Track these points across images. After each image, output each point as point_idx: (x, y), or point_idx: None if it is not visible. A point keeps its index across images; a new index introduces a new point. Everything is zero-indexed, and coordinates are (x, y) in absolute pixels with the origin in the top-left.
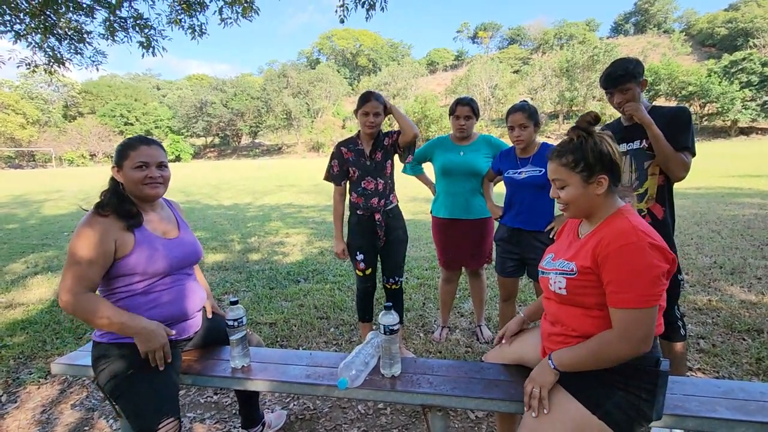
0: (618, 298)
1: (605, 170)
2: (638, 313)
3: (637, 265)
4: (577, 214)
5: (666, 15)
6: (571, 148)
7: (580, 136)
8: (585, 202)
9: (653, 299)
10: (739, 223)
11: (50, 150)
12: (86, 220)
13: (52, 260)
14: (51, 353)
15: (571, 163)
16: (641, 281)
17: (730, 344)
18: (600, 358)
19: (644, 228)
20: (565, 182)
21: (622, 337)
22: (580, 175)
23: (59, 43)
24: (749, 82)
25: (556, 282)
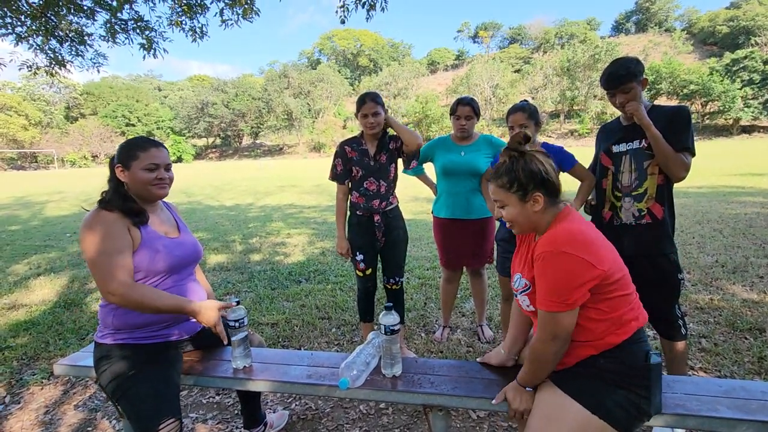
0: (538, 299)
1: (538, 188)
2: (549, 317)
3: (549, 271)
4: (524, 230)
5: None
6: (504, 169)
7: (511, 156)
8: (526, 220)
9: (561, 305)
10: (741, 222)
11: (52, 151)
12: (93, 217)
13: (54, 261)
14: (54, 354)
15: (506, 184)
16: (552, 287)
17: (731, 343)
18: (537, 363)
19: (566, 236)
20: (503, 202)
21: (541, 337)
22: (515, 195)
23: (60, 45)
24: (751, 80)
25: (523, 301)
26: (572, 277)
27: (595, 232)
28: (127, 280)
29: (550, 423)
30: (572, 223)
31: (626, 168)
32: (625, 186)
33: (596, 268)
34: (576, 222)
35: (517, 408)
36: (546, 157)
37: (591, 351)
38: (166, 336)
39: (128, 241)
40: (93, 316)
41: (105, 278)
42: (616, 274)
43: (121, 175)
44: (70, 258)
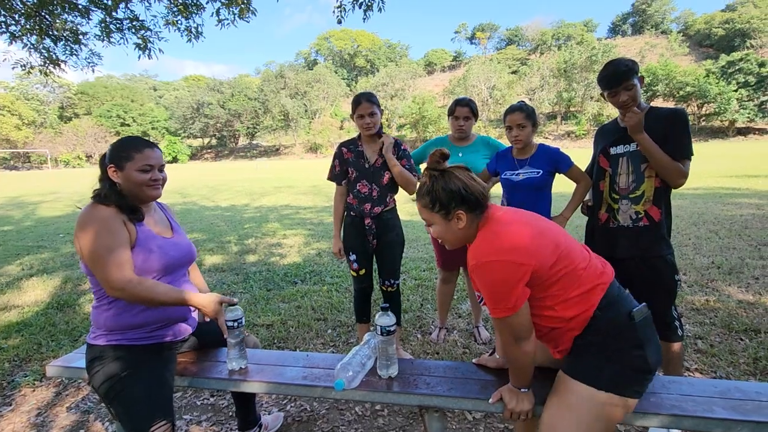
0: (488, 309)
1: (459, 205)
2: (501, 322)
3: (484, 282)
4: (454, 245)
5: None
6: (425, 190)
7: (431, 176)
8: (453, 236)
9: (505, 311)
10: (736, 224)
11: (46, 151)
12: (90, 212)
13: (47, 262)
14: (46, 355)
15: (429, 204)
16: (492, 296)
17: (727, 344)
18: (515, 364)
19: (489, 244)
20: (429, 221)
21: (504, 342)
22: (439, 214)
23: (54, 44)
24: (746, 82)
25: (485, 310)
26: (503, 281)
27: (516, 223)
28: (131, 274)
29: (566, 409)
30: (490, 227)
31: (623, 170)
32: (623, 188)
33: (524, 265)
34: (494, 223)
35: (513, 408)
36: (465, 172)
37: (573, 332)
38: (160, 337)
39: (126, 236)
40: (86, 317)
41: (110, 272)
42: (549, 258)
43: (113, 176)
44: (63, 259)
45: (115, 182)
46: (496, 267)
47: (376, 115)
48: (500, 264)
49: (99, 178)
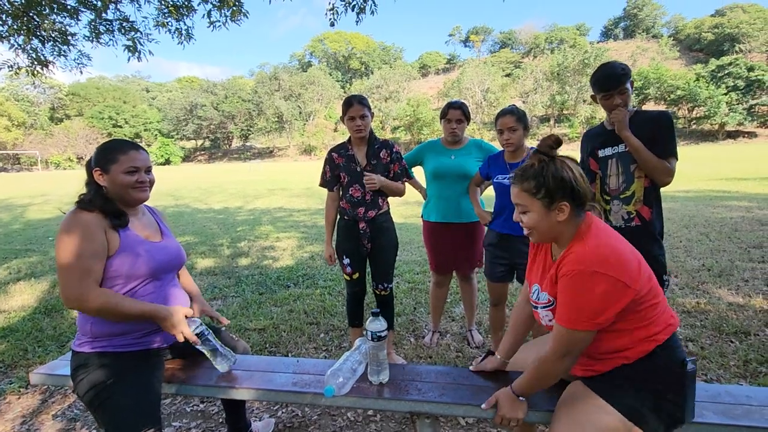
0: (559, 311)
1: (566, 197)
2: (569, 333)
3: (579, 289)
4: (542, 239)
5: (654, 20)
6: (532, 173)
7: (541, 160)
8: (547, 229)
9: (587, 324)
10: (726, 226)
11: (36, 153)
12: (71, 216)
13: (35, 266)
14: (32, 362)
15: (533, 189)
16: (580, 305)
17: (718, 347)
18: (541, 377)
19: (600, 255)
20: (527, 208)
21: (554, 352)
22: (541, 201)
23: (42, 45)
24: (735, 86)
25: (546, 316)
26: (605, 298)
27: (623, 243)
28: (91, 286)
29: (580, 424)
30: (600, 239)
31: (613, 171)
32: (613, 189)
33: (630, 288)
34: (603, 236)
35: (505, 415)
36: (577, 165)
37: (623, 360)
38: (148, 343)
39: (103, 245)
40: (74, 322)
41: (67, 284)
42: (645, 287)
43: (99, 179)
44: (52, 263)
45: (102, 186)
46: (607, 281)
47: (367, 117)
48: (611, 280)
49: (85, 182)
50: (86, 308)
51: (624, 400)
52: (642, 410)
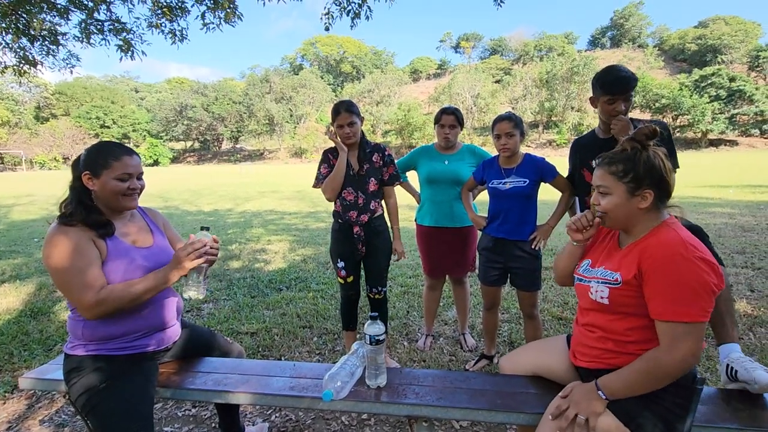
0: (665, 310)
1: (653, 185)
2: (686, 327)
3: (684, 277)
4: (615, 225)
5: (640, 30)
6: (623, 157)
7: (634, 147)
8: (625, 214)
9: (702, 314)
10: (710, 232)
11: (20, 152)
12: (55, 232)
13: (20, 268)
14: (18, 366)
15: (620, 172)
16: (689, 294)
17: (705, 351)
18: (652, 378)
19: (693, 241)
20: (609, 190)
21: (670, 350)
22: (626, 186)
23: (31, 44)
24: (718, 96)
25: (598, 291)
26: (708, 283)
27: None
28: (100, 292)
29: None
30: (681, 230)
31: None
32: None
33: (720, 283)
34: (683, 230)
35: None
36: (668, 160)
37: None
38: (142, 347)
39: (96, 253)
40: (61, 325)
41: (78, 295)
42: None
43: (88, 183)
44: (38, 264)
45: (89, 190)
46: (702, 265)
47: (356, 124)
48: (706, 264)
49: (70, 184)
50: (106, 313)
51: (623, 405)
52: (640, 418)
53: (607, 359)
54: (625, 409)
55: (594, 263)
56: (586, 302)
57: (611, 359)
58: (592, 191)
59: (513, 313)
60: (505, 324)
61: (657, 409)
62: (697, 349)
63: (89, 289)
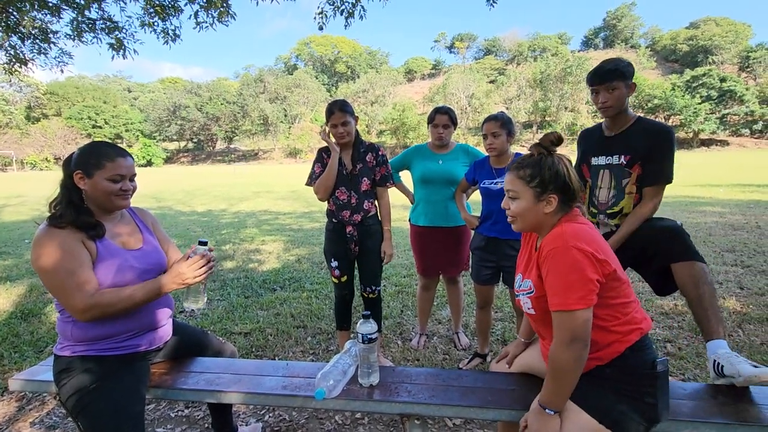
0: (551, 302)
1: (557, 190)
2: (565, 316)
3: (560, 268)
4: (524, 227)
5: (633, 31)
6: (530, 162)
7: (541, 152)
8: (532, 217)
9: (578, 302)
10: (701, 231)
11: (11, 153)
12: (44, 234)
13: (11, 269)
14: (9, 368)
15: (527, 177)
16: (566, 283)
17: (694, 347)
18: (560, 375)
19: (573, 232)
20: (517, 194)
21: (558, 341)
22: (533, 190)
23: (22, 42)
24: (709, 96)
25: (525, 303)
26: (579, 269)
27: (594, 230)
28: (93, 294)
29: None
30: (577, 224)
31: (604, 184)
32: (602, 203)
33: (601, 262)
34: (581, 222)
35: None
36: (571, 166)
37: (598, 362)
38: (133, 347)
39: (86, 254)
40: (52, 327)
41: (70, 298)
42: (621, 276)
43: (80, 183)
44: (28, 266)
45: (79, 189)
46: (582, 254)
47: (350, 124)
48: (580, 252)
49: (60, 183)
50: (98, 317)
51: (596, 404)
52: (614, 413)
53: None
54: (598, 407)
55: (522, 276)
56: (526, 314)
57: None
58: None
59: (506, 312)
60: (499, 323)
61: (629, 401)
62: (580, 336)
63: (81, 292)
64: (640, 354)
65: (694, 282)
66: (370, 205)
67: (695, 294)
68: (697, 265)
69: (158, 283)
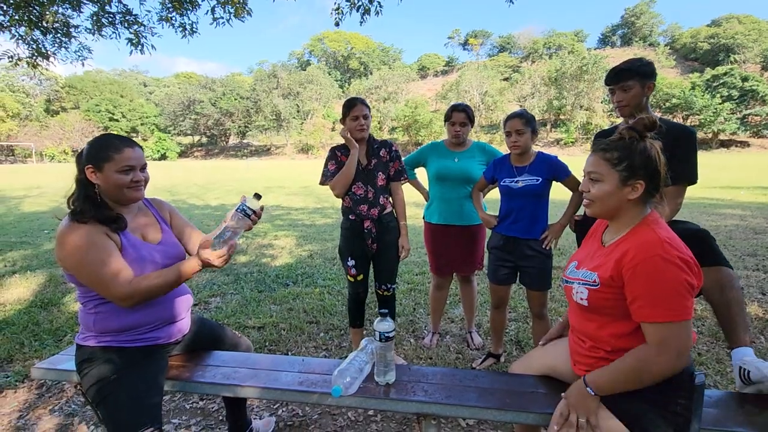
0: (648, 312)
1: (646, 177)
2: (672, 327)
3: (663, 278)
4: (601, 213)
5: (651, 28)
6: (619, 145)
7: (632, 136)
8: (613, 203)
9: (684, 312)
10: (721, 234)
11: (31, 145)
12: (68, 230)
13: (31, 259)
14: (29, 356)
15: (615, 160)
16: (669, 294)
17: (714, 353)
18: (640, 376)
19: (671, 240)
20: (601, 177)
21: (659, 352)
22: (619, 174)
23: (44, 36)
24: (730, 96)
25: (578, 292)
26: (683, 283)
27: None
28: (130, 282)
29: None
30: (662, 226)
31: None
32: None
33: (698, 282)
34: (664, 226)
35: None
36: (663, 154)
37: None
38: (153, 339)
39: (113, 244)
40: (71, 316)
41: (110, 288)
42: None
43: (92, 177)
44: (48, 256)
45: (93, 184)
46: (682, 266)
47: (369, 117)
48: (686, 264)
49: (75, 177)
50: (141, 301)
51: (626, 408)
52: (644, 421)
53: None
54: (630, 412)
55: (579, 265)
56: (571, 304)
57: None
58: None
59: (520, 312)
60: (513, 323)
61: (662, 412)
62: (685, 347)
63: (118, 280)
64: None
65: (720, 287)
66: (385, 200)
67: (721, 300)
68: (724, 270)
69: (186, 266)
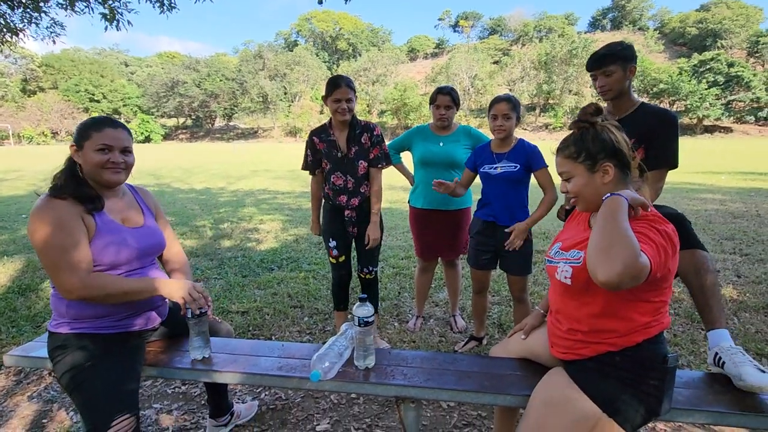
0: None
1: (609, 157)
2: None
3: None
4: (588, 206)
5: (641, 12)
6: (572, 140)
7: (581, 127)
8: (593, 192)
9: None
10: (701, 218)
11: (7, 126)
12: (43, 205)
13: (8, 244)
14: (6, 343)
15: (574, 154)
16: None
17: (689, 334)
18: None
19: (656, 215)
20: (570, 174)
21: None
22: (583, 165)
23: (12, 10)
24: (715, 81)
25: (563, 271)
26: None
27: None
28: (83, 275)
29: (553, 409)
30: (654, 210)
31: None
32: None
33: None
34: (655, 210)
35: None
36: (619, 130)
37: (610, 347)
38: (128, 326)
39: (83, 231)
40: (49, 302)
41: (60, 275)
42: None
43: (75, 155)
44: (25, 241)
45: (77, 163)
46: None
47: (353, 101)
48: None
49: (67, 157)
50: (87, 299)
51: (600, 389)
52: (617, 402)
53: (577, 350)
54: (604, 393)
55: (564, 246)
56: (553, 284)
57: (581, 349)
58: None
59: (503, 296)
60: (495, 306)
61: (634, 392)
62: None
63: (72, 271)
64: (654, 347)
65: (695, 270)
66: (365, 189)
67: (697, 282)
68: (699, 253)
69: (156, 284)
